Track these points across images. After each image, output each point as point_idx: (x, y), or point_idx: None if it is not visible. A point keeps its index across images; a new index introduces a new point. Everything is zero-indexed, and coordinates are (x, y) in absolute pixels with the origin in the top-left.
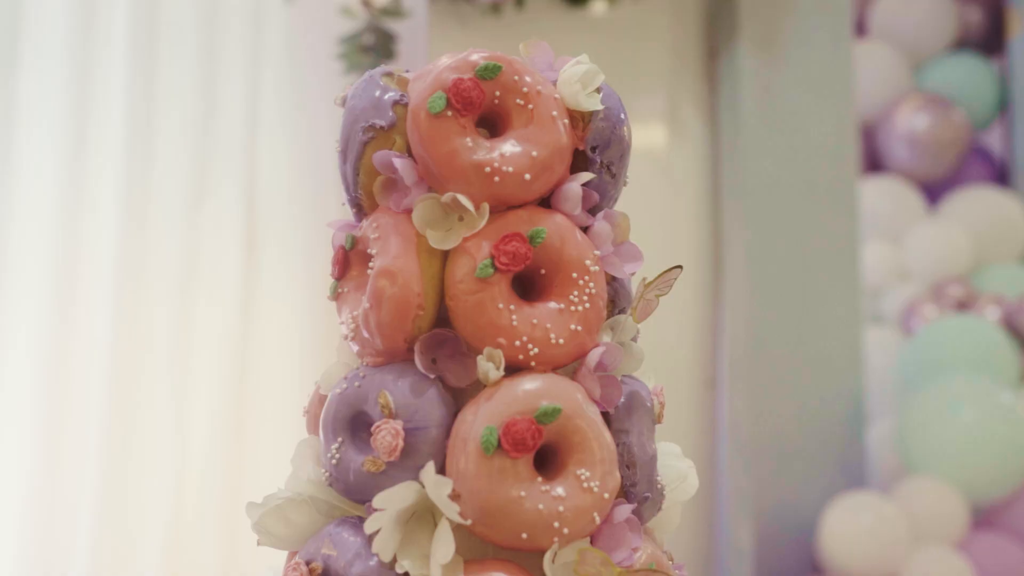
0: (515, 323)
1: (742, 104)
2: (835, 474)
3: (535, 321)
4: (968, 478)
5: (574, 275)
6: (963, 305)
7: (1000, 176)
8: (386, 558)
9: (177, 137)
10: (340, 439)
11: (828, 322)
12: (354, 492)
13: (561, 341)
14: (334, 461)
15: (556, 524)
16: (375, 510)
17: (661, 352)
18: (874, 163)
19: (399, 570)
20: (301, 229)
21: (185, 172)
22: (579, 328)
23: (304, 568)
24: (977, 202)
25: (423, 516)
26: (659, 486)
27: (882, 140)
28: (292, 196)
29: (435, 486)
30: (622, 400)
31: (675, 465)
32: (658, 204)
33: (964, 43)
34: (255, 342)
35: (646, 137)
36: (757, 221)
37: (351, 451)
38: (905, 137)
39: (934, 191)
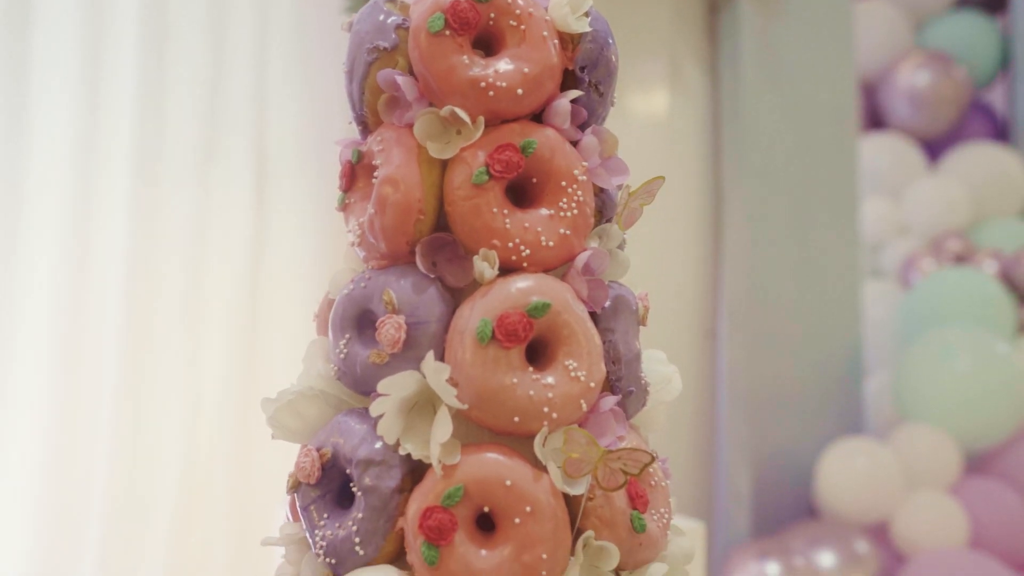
0: (508, 226)
1: (743, 60)
2: (832, 422)
3: (527, 225)
4: (962, 425)
5: (563, 184)
6: (961, 259)
7: (1001, 133)
8: (390, 440)
9: (187, 94)
10: (347, 335)
11: (827, 275)
12: (360, 384)
13: (551, 244)
14: (342, 356)
15: (546, 409)
16: (380, 395)
17: (662, 304)
18: (875, 120)
19: (402, 452)
20: (309, 183)
21: (195, 128)
22: (568, 232)
23: (315, 454)
24: (977, 158)
25: (424, 407)
26: (643, 382)
27: (883, 97)
28: (300, 150)
29: (434, 372)
30: (608, 302)
31: (660, 369)
32: (659, 159)
33: (967, 1)
34: (265, 297)
35: (647, 93)
36: (757, 176)
37: (357, 346)
38: (906, 94)
39: (935, 148)
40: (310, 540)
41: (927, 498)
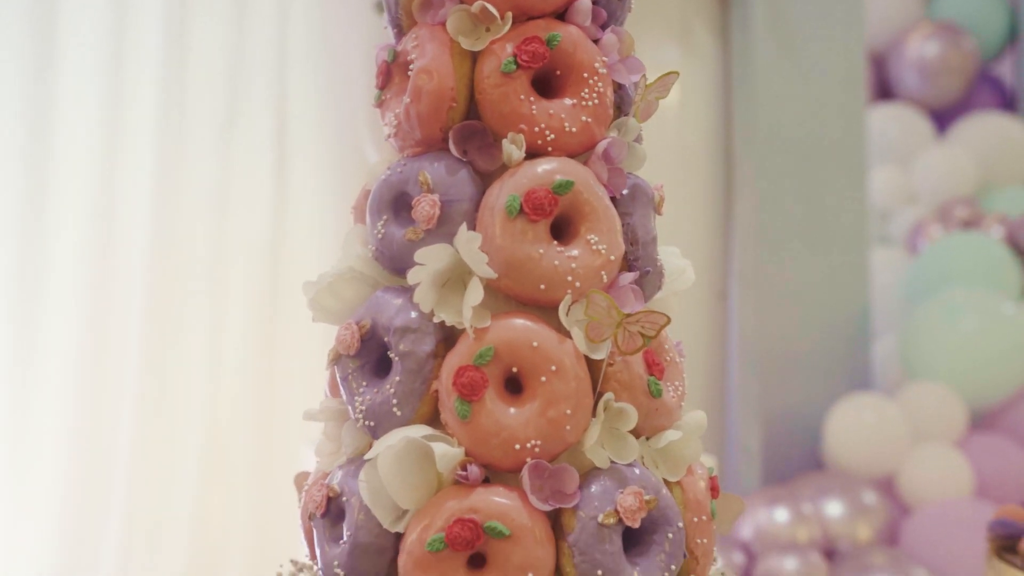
0: (535, 112)
1: (754, 27)
2: (840, 383)
3: (551, 112)
4: (968, 382)
5: (585, 75)
6: (969, 225)
7: (1009, 104)
8: (425, 309)
9: (209, 61)
10: (385, 217)
11: (836, 240)
12: (397, 262)
13: (574, 130)
14: (379, 236)
15: (569, 278)
16: (416, 264)
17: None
18: (885, 91)
19: (435, 320)
20: (329, 144)
21: (218, 93)
22: (589, 120)
23: (354, 326)
24: (984, 127)
25: (456, 283)
26: (659, 264)
27: (893, 68)
28: (321, 113)
29: (467, 242)
30: (626, 190)
31: (674, 262)
32: (670, 123)
33: None
34: (286, 255)
35: (659, 56)
36: (767, 141)
37: (394, 226)
38: (915, 64)
39: (943, 118)
40: (350, 408)
41: (933, 451)
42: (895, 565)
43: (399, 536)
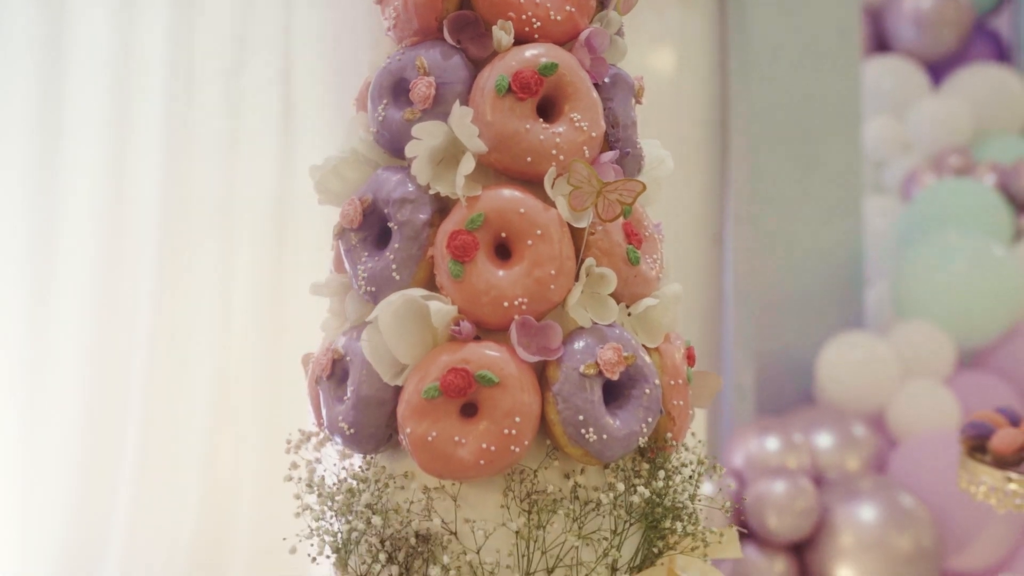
0: (522, 1)
1: None
2: (833, 323)
3: (538, 1)
4: (957, 322)
5: None
6: (962, 173)
7: (1005, 57)
8: (422, 181)
9: (216, 20)
10: (385, 101)
11: (830, 187)
12: (396, 142)
13: (559, 19)
14: (380, 119)
15: (554, 151)
16: (414, 139)
17: (670, 210)
18: (881, 44)
19: (431, 192)
20: (333, 109)
21: (225, 41)
22: (573, 10)
23: (357, 202)
24: (979, 77)
25: (450, 161)
26: (639, 147)
27: (889, 21)
28: (326, 63)
29: (459, 117)
30: (608, 78)
31: (655, 152)
32: (667, 67)
33: None
34: (293, 219)
35: (656, 8)
36: (763, 88)
37: (393, 109)
38: (911, 17)
39: (939, 71)
40: (352, 277)
41: (921, 387)
42: (882, 491)
43: (398, 390)
